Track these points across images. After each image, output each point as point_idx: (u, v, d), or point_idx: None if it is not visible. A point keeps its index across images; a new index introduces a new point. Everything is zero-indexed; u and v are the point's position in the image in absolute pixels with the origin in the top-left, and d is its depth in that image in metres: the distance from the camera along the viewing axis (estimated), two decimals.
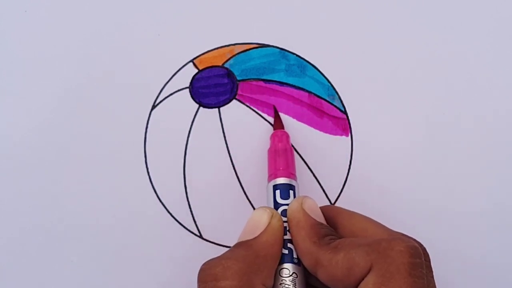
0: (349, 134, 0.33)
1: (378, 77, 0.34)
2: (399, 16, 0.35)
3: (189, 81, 0.34)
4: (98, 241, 0.32)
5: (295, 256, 0.25)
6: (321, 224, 0.26)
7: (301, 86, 0.34)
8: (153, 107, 0.34)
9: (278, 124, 0.32)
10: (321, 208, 0.27)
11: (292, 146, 0.33)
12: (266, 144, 0.32)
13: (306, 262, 0.25)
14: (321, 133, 0.33)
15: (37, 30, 0.35)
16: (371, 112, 0.33)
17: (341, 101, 0.33)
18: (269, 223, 0.25)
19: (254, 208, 0.32)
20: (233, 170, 0.33)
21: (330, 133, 0.33)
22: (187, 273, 0.32)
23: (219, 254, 0.31)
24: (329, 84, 0.34)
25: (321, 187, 0.33)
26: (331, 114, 0.33)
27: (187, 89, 0.34)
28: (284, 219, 0.26)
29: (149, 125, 0.33)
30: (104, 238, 0.32)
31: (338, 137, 0.33)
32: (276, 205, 0.27)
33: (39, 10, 0.35)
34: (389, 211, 0.32)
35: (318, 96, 0.33)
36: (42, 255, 0.32)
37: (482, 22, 0.35)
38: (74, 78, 0.34)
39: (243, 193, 0.33)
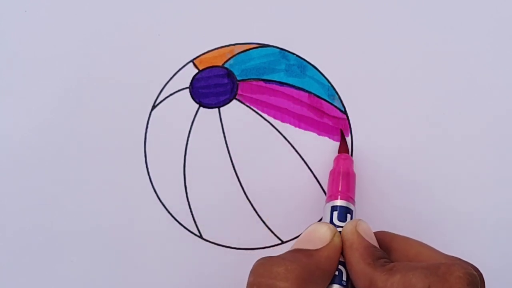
0: (349, 134, 0.33)
1: (378, 77, 0.34)
2: (399, 16, 0.35)
3: (189, 81, 0.34)
4: (98, 241, 0.32)
5: (344, 278, 0.26)
6: (375, 246, 0.26)
7: (301, 86, 0.34)
8: (153, 107, 0.34)
9: (343, 148, 0.32)
10: (375, 233, 0.27)
11: (292, 146, 0.33)
12: (267, 143, 0.32)
13: (359, 283, 0.25)
14: (322, 133, 0.33)
15: (37, 30, 0.35)
16: (371, 112, 0.33)
17: (341, 101, 0.33)
18: (332, 239, 0.26)
19: (254, 208, 0.32)
20: (233, 170, 0.33)
21: (330, 138, 0.33)
22: (187, 273, 0.32)
23: (218, 254, 0.32)
24: (329, 84, 0.34)
25: (321, 187, 0.33)
26: (331, 115, 0.33)
27: (187, 89, 0.34)
28: None
29: (149, 125, 0.33)
30: (104, 238, 0.32)
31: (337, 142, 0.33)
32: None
33: (39, 10, 0.35)
34: (389, 211, 0.32)
35: (318, 97, 0.33)
36: (42, 255, 0.32)
37: (482, 22, 0.35)
38: (74, 78, 0.34)
39: (243, 193, 0.33)
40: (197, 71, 0.34)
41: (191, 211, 0.32)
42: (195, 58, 0.34)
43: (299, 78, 0.34)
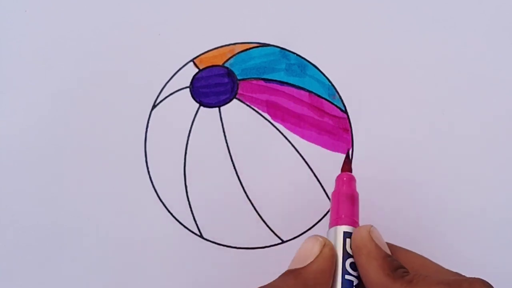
0: (350, 134, 0.33)
1: (378, 77, 0.34)
2: (399, 16, 0.35)
3: (190, 80, 0.34)
4: (98, 240, 0.32)
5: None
6: (391, 256, 0.25)
7: (301, 85, 0.34)
8: (154, 106, 0.34)
9: (348, 167, 0.30)
10: None
11: (293, 145, 0.33)
12: (267, 143, 0.32)
13: None
14: (322, 132, 0.33)
15: (37, 30, 0.35)
16: (371, 112, 0.33)
17: (342, 101, 0.33)
18: (321, 251, 0.25)
19: (254, 208, 0.32)
20: (233, 169, 0.33)
21: (331, 137, 0.33)
22: (188, 272, 0.32)
23: (219, 254, 0.32)
24: (330, 84, 0.34)
25: (322, 186, 0.32)
26: (332, 114, 0.33)
27: (188, 89, 0.34)
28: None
29: (149, 125, 0.33)
30: (104, 238, 0.32)
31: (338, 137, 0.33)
32: (344, 255, 0.26)
33: (39, 10, 0.35)
34: (390, 211, 0.32)
35: (319, 96, 0.33)
36: (42, 255, 0.32)
37: (482, 21, 0.35)
38: (74, 78, 0.34)
39: (243, 193, 0.32)
40: (197, 70, 0.34)
41: (191, 211, 0.32)
42: (195, 58, 0.34)
43: (299, 77, 0.34)
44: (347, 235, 0.26)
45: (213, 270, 0.32)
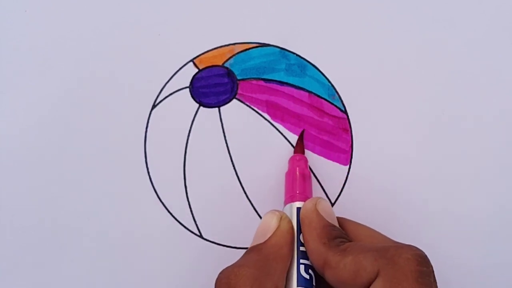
0: (350, 134, 0.33)
1: (378, 77, 0.34)
2: (399, 16, 0.35)
3: (189, 80, 0.34)
4: (98, 241, 0.32)
5: (314, 284, 0.26)
6: (333, 226, 0.26)
7: (301, 85, 0.34)
8: (153, 106, 0.34)
9: (301, 148, 0.32)
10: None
11: (292, 146, 0.33)
12: (267, 143, 0.32)
13: (314, 262, 0.25)
14: (322, 132, 0.33)
15: (37, 30, 0.35)
16: (372, 112, 0.33)
17: (341, 101, 0.33)
18: (278, 225, 0.26)
19: (254, 208, 0.32)
20: (233, 170, 0.33)
21: (330, 137, 0.33)
22: (188, 272, 0.32)
23: (219, 254, 0.32)
24: (329, 84, 0.34)
25: (321, 186, 0.32)
26: (332, 114, 0.33)
27: (187, 89, 0.34)
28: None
29: (149, 125, 0.33)
30: (104, 238, 0.32)
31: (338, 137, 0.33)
32: (298, 228, 0.27)
33: (39, 10, 0.35)
34: (389, 211, 0.32)
35: (318, 96, 0.33)
36: (42, 255, 0.32)
37: (482, 21, 0.35)
38: (74, 78, 0.34)
39: (243, 193, 0.32)
40: (197, 70, 0.34)
41: (191, 211, 0.32)
42: (195, 58, 0.34)
43: (299, 77, 0.34)
44: (299, 209, 0.28)
45: (213, 270, 0.31)
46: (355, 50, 0.34)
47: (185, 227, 0.32)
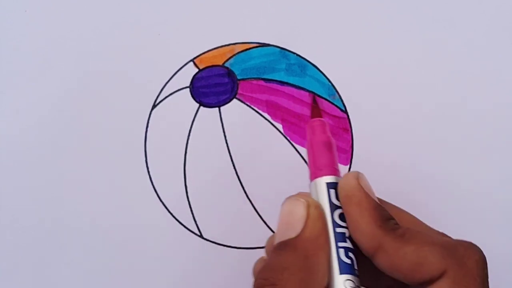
0: (350, 134, 0.33)
1: (378, 77, 0.34)
2: (399, 16, 0.35)
3: (190, 80, 0.34)
4: (98, 240, 0.32)
5: (355, 267, 0.23)
6: (381, 206, 0.24)
7: (301, 85, 0.34)
8: (154, 106, 0.34)
9: (319, 112, 0.27)
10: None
11: (292, 145, 0.33)
12: (267, 143, 0.32)
13: (365, 245, 0.23)
14: None
15: (37, 30, 0.35)
16: (371, 111, 0.33)
17: (342, 101, 0.33)
18: (308, 214, 0.23)
19: (254, 207, 0.32)
20: (233, 170, 0.33)
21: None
22: (188, 272, 0.32)
23: (219, 254, 0.32)
24: (330, 84, 0.34)
25: None
26: (332, 114, 0.33)
27: (188, 89, 0.34)
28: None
29: (149, 125, 0.33)
30: (104, 238, 0.32)
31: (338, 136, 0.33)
32: (331, 207, 0.24)
33: (39, 10, 0.35)
34: None
35: (319, 96, 0.33)
36: (42, 255, 0.32)
37: (483, 21, 0.35)
38: (74, 78, 0.34)
39: (243, 193, 0.32)
40: (197, 70, 0.34)
41: (191, 211, 0.32)
42: (195, 58, 0.34)
43: (299, 77, 0.34)
44: (330, 185, 0.24)
45: (213, 270, 0.32)
46: (355, 50, 0.34)
47: (185, 227, 0.32)
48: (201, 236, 0.32)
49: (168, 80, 0.34)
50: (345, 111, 0.33)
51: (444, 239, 0.23)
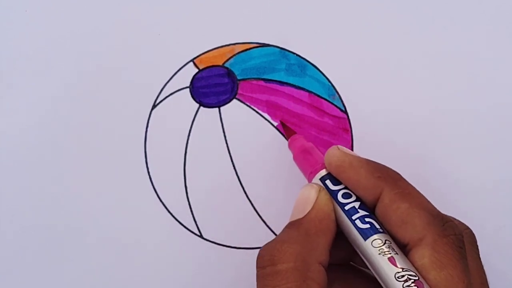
0: (350, 134, 0.33)
1: (378, 77, 0.34)
2: (399, 16, 0.35)
3: (190, 80, 0.34)
4: (98, 241, 0.32)
5: (377, 226, 0.24)
6: (374, 162, 0.25)
7: (301, 85, 0.34)
8: (154, 106, 0.34)
9: (290, 131, 0.32)
10: None
11: None
12: (267, 143, 0.32)
13: (369, 197, 0.24)
14: (322, 132, 0.33)
15: (37, 30, 0.35)
16: (371, 112, 0.33)
17: (342, 101, 0.33)
18: (317, 198, 0.25)
19: (254, 208, 0.32)
20: (233, 170, 0.33)
21: (331, 137, 0.33)
22: (187, 272, 0.32)
23: (219, 254, 0.32)
24: (330, 84, 0.34)
25: None
26: (332, 114, 0.33)
27: (188, 89, 0.34)
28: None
29: (149, 125, 0.33)
30: (104, 238, 0.32)
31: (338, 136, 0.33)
32: (333, 193, 0.26)
33: (39, 10, 0.35)
34: None
35: (319, 96, 0.33)
36: (42, 255, 0.32)
37: (483, 21, 0.35)
38: (74, 78, 0.34)
39: (243, 193, 0.32)
40: (197, 70, 0.34)
41: (191, 211, 0.32)
42: (195, 58, 0.34)
43: (299, 77, 0.34)
44: (324, 178, 0.26)
45: (213, 270, 0.32)
46: (355, 50, 0.34)
47: (185, 227, 0.32)
48: (201, 236, 0.32)
49: (168, 80, 0.34)
50: (345, 111, 0.33)
51: (436, 211, 0.23)
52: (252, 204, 0.32)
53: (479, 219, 0.32)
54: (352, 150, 0.33)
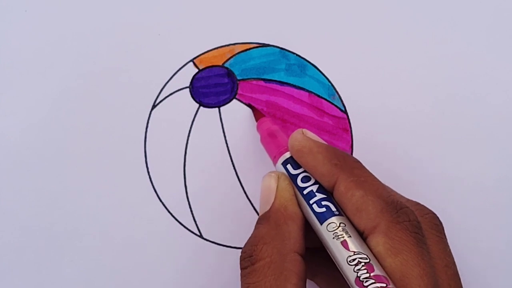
0: (350, 134, 0.33)
1: (378, 77, 0.34)
2: (399, 16, 0.35)
3: (189, 80, 0.34)
4: (98, 241, 0.32)
5: (333, 209, 0.24)
6: (334, 148, 0.25)
7: (301, 85, 0.34)
8: (154, 106, 0.34)
9: (259, 114, 0.32)
10: None
11: None
12: None
13: (326, 183, 0.25)
14: (322, 132, 0.33)
15: (37, 30, 0.35)
16: (371, 112, 0.33)
17: (341, 101, 0.33)
18: (277, 186, 0.25)
19: (254, 208, 0.32)
20: (233, 170, 0.33)
21: (331, 137, 0.33)
22: (188, 272, 0.32)
23: (219, 254, 0.32)
24: (329, 84, 0.34)
25: None
26: (332, 114, 0.33)
27: (187, 89, 0.34)
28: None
29: (149, 125, 0.33)
30: (104, 238, 0.32)
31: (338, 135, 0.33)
32: (293, 177, 0.26)
33: (39, 10, 0.35)
34: None
35: (318, 96, 0.33)
36: (42, 255, 0.32)
37: (483, 21, 0.35)
38: (74, 78, 0.34)
39: (243, 193, 0.32)
40: (197, 70, 0.34)
41: (191, 211, 0.32)
42: (195, 58, 0.34)
43: (299, 77, 0.34)
44: (285, 162, 0.26)
45: (213, 270, 0.32)
46: (355, 50, 0.34)
47: (185, 227, 0.32)
48: (201, 236, 0.32)
49: (168, 80, 0.34)
50: (345, 111, 0.33)
51: (391, 198, 0.23)
52: (252, 204, 0.32)
53: (479, 218, 0.32)
54: (352, 150, 0.33)
